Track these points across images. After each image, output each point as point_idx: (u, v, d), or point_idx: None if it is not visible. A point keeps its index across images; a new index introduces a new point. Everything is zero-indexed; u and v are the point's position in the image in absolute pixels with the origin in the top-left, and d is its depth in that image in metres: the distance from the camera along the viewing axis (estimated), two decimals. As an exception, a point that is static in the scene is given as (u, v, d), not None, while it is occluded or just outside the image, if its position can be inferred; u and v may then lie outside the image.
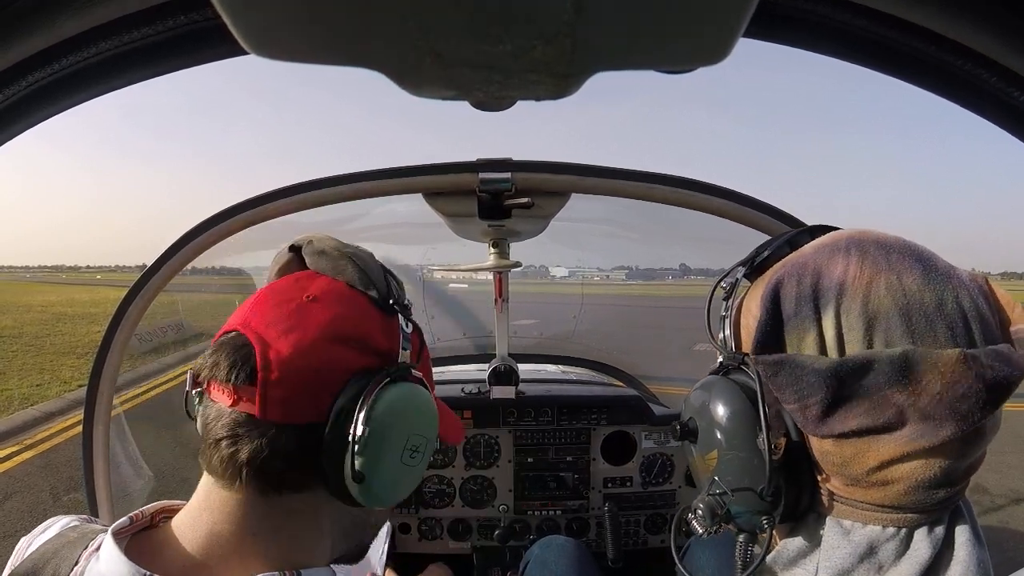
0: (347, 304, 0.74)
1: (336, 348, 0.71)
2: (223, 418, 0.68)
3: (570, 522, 2.24)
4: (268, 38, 0.31)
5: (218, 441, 0.67)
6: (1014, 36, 0.55)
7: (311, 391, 0.69)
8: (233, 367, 0.67)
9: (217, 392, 0.68)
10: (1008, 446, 6.41)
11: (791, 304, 0.71)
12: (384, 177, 1.42)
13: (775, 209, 1.50)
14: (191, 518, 0.71)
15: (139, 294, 1.64)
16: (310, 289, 0.74)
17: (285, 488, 0.70)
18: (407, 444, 0.73)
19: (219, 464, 0.67)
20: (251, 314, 0.71)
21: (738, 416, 0.73)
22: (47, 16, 0.53)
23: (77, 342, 15.71)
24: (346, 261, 0.78)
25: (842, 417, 0.64)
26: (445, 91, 0.36)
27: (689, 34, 0.31)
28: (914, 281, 0.65)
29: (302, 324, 0.70)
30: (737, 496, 0.72)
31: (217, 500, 0.70)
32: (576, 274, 4.57)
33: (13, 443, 7.02)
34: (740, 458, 0.72)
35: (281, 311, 0.71)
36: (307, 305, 0.72)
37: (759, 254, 0.83)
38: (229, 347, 0.69)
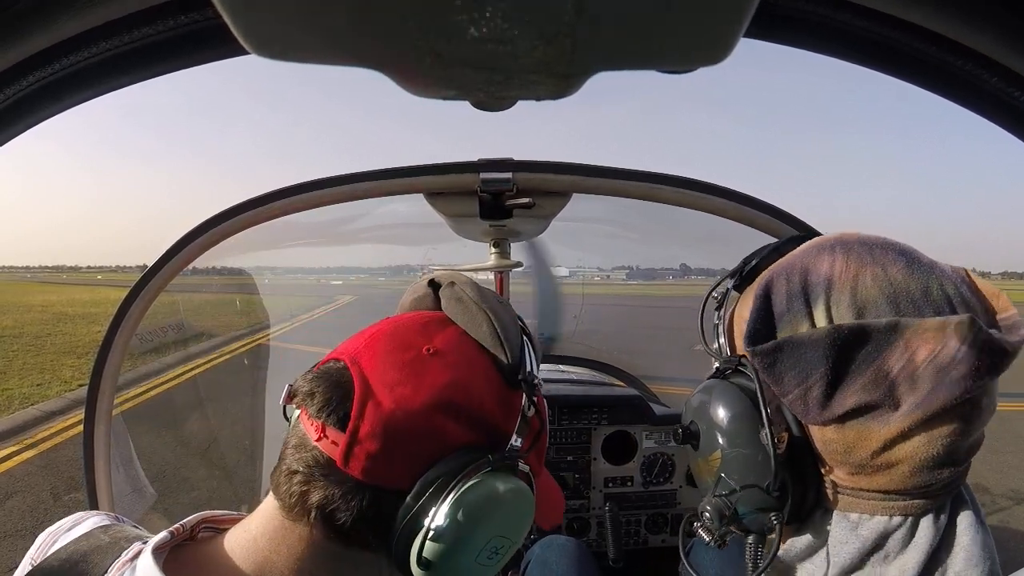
0: (469, 369, 0.68)
1: (442, 417, 0.64)
2: (304, 450, 0.64)
3: (571, 522, 2.24)
4: (268, 38, 0.31)
5: (293, 473, 0.64)
6: (1014, 36, 0.55)
7: (402, 457, 0.63)
8: (327, 405, 0.63)
9: (306, 421, 0.64)
10: (1009, 446, 6.40)
11: (782, 301, 0.72)
12: (385, 177, 1.42)
13: (775, 209, 1.49)
14: (248, 540, 0.66)
15: (140, 294, 1.64)
16: (435, 341, 0.68)
17: (351, 543, 0.65)
18: (488, 544, 0.65)
19: (288, 496, 0.64)
20: (364, 349, 0.66)
21: (739, 415, 0.73)
22: (47, 16, 0.54)
23: (78, 342, 15.72)
24: (483, 317, 0.70)
25: (842, 396, 0.65)
26: (445, 91, 0.36)
27: (690, 34, 0.31)
28: (899, 272, 0.68)
29: (414, 380, 0.64)
30: (744, 494, 0.72)
31: (280, 530, 0.65)
32: (577, 274, 4.56)
33: (14, 442, 7.03)
34: (744, 455, 0.72)
35: (396, 358, 0.65)
36: (427, 359, 0.65)
37: (747, 264, 0.85)
38: (330, 381, 0.64)
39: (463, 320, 0.71)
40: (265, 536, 0.65)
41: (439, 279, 0.76)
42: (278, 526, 0.65)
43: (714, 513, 0.74)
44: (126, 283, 1.84)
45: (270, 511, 0.67)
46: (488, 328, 0.70)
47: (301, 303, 10.85)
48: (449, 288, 0.74)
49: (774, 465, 0.68)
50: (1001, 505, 5.24)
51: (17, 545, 4.37)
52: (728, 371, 0.79)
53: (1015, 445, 6.44)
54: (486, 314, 0.71)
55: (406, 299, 0.78)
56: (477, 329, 0.70)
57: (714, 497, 0.75)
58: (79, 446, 1.76)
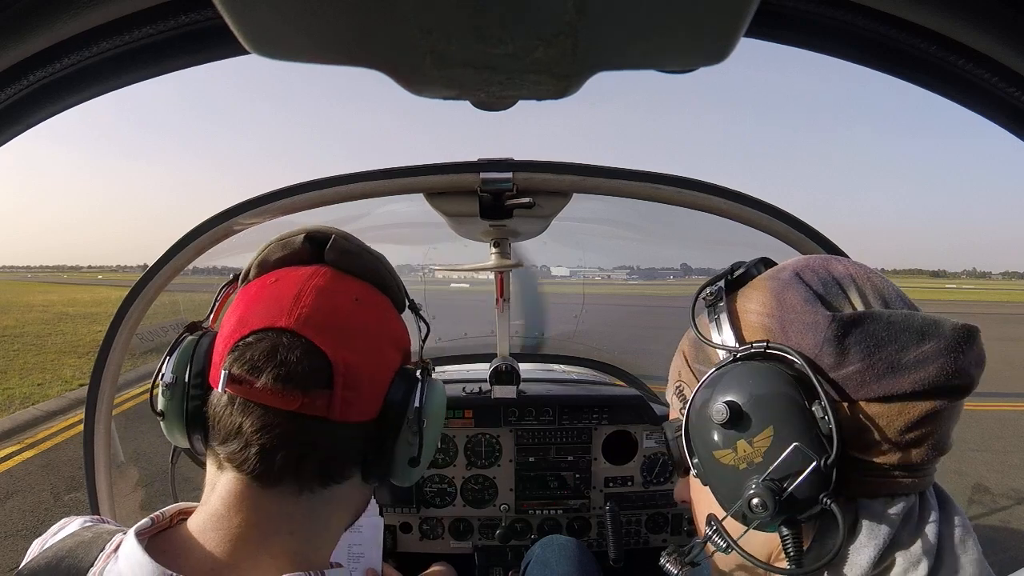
0: (384, 307, 0.80)
1: (386, 350, 0.77)
2: (281, 424, 0.67)
3: (571, 521, 2.24)
4: (269, 38, 0.31)
5: (273, 449, 0.67)
6: (1015, 36, 0.55)
7: (372, 391, 0.74)
8: (311, 372, 0.67)
9: (273, 395, 0.66)
10: (1010, 446, 6.40)
11: (819, 285, 0.77)
12: (385, 177, 1.42)
13: (775, 209, 1.49)
14: (215, 520, 0.69)
15: (140, 294, 1.64)
16: (353, 290, 0.76)
17: (333, 481, 0.73)
18: (441, 427, 0.84)
19: (271, 470, 0.67)
20: (301, 310, 0.69)
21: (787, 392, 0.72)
22: (48, 16, 0.54)
23: (78, 341, 15.73)
24: (375, 262, 0.81)
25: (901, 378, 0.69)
26: (446, 91, 0.36)
27: (690, 35, 0.31)
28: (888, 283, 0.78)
29: (361, 329, 0.73)
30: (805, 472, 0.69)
31: (253, 503, 0.69)
32: (577, 274, 4.56)
33: (14, 442, 7.03)
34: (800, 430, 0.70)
35: (338, 313, 0.72)
36: (357, 307, 0.74)
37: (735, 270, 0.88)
38: (295, 349, 0.67)
39: (358, 266, 0.79)
40: (238, 511, 0.69)
41: (315, 235, 0.79)
42: (254, 502, 0.69)
43: (767, 497, 0.70)
44: (127, 283, 1.84)
45: (236, 489, 0.69)
46: (382, 269, 0.81)
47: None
48: (339, 242, 0.79)
49: (836, 437, 0.68)
50: (1002, 505, 5.24)
51: (18, 545, 4.37)
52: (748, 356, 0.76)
53: (1016, 445, 6.44)
54: (376, 258, 0.82)
55: (273, 254, 0.79)
56: (372, 272, 0.80)
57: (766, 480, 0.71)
58: (79, 446, 1.76)
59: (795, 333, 0.74)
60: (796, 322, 0.74)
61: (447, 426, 2.18)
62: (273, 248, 0.79)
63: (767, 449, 0.71)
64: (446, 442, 2.20)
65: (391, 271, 0.83)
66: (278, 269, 0.77)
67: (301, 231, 0.80)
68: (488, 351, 2.60)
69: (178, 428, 0.74)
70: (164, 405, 0.74)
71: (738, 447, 0.74)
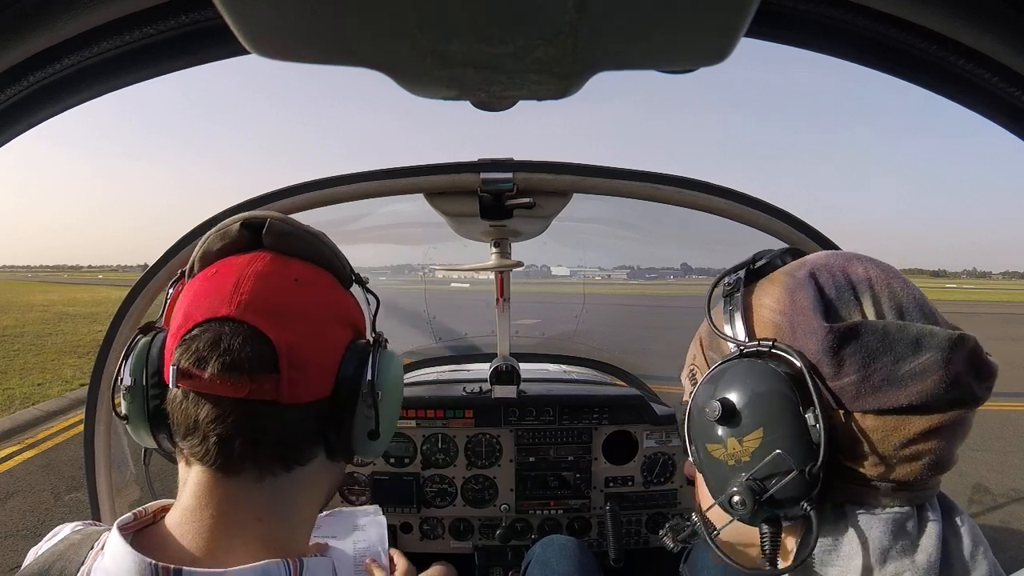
0: (326, 285, 0.79)
1: (332, 327, 0.77)
2: (234, 412, 0.67)
3: (571, 521, 2.24)
4: (269, 38, 0.31)
5: (229, 438, 0.68)
6: (1015, 35, 0.55)
7: (321, 369, 0.74)
8: (255, 357, 0.67)
9: (221, 384, 0.67)
10: (1010, 446, 6.40)
11: (832, 289, 0.76)
12: (386, 177, 1.43)
13: (776, 208, 1.50)
14: (188, 513, 0.71)
15: (140, 293, 1.64)
16: (292, 272, 0.76)
17: (296, 463, 0.74)
18: (399, 399, 0.86)
19: (231, 458, 0.68)
20: (241, 297, 0.69)
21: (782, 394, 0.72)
22: (49, 16, 0.54)
23: (79, 341, 15.72)
24: (314, 239, 0.81)
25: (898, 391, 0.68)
26: (446, 91, 0.36)
27: (691, 34, 0.31)
28: (914, 289, 0.76)
29: (302, 310, 0.73)
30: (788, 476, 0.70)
31: (221, 494, 0.70)
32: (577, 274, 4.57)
33: (14, 442, 7.03)
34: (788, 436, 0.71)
35: (278, 296, 0.72)
36: (297, 288, 0.74)
37: (756, 260, 0.87)
38: (238, 336, 0.68)
39: (297, 247, 0.78)
40: (208, 503, 0.70)
41: (251, 221, 0.79)
42: (221, 492, 0.71)
43: (746, 495, 0.72)
44: (127, 282, 1.84)
45: (204, 482, 0.71)
46: (322, 247, 0.81)
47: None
48: (275, 224, 0.78)
49: (823, 448, 0.69)
50: (1002, 505, 5.24)
51: (18, 545, 4.37)
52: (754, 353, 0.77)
53: (1016, 445, 6.44)
54: (316, 236, 0.81)
55: (214, 245, 0.78)
56: (312, 251, 0.80)
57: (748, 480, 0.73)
58: (80, 446, 1.76)
59: (802, 335, 0.74)
60: (803, 325, 0.74)
61: (447, 426, 2.18)
62: (212, 239, 0.79)
63: (755, 449, 0.73)
64: (447, 442, 2.20)
65: (332, 248, 0.82)
66: (219, 260, 0.77)
67: (237, 219, 0.79)
68: (488, 351, 2.60)
69: (143, 429, 0.75)
70: (127, 408, 0.75)
71: (728, 444, 0.76)
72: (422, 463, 2.20)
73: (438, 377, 2.75)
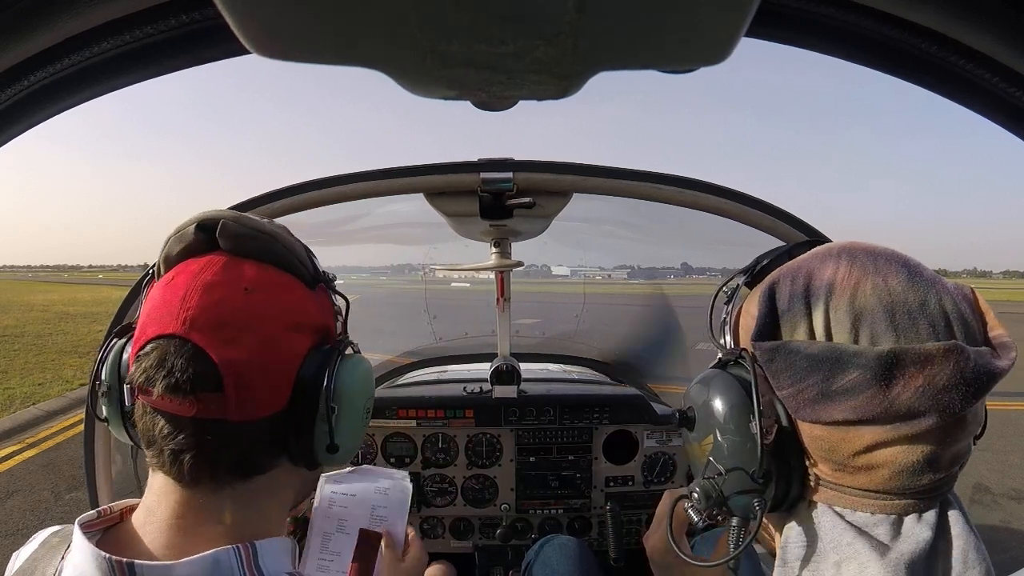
0: (283, 290, 0.74)
1: (287, 337, 0.73)
2: (184, 429, 0.67)
3: (572, 521, 2.24)
4: (270, 38, 0.31)
5: (179, 452, 0.68)
6: (1015, 36, 0.55)
7: (275, 382, 0.71)
8: (197, 379, 0.66)
9: (170, 403, 0.67)
10: (1011, 445, 6.40)
11: (784, 301, 0.76)
12: (386, 177, 1.43)
13: (776, 208, 1.50)
14: (149, 512, 0.72)
15: (140, 293, 1.64)
16: (243, 279, 0.71)
17: (254, 473, 0.73)
18: (364, 407, 0.82)
19: (183, 471, 0.68)
20: (188, 314, 0.67)
21: (733, 403, 0.77)
22: (49, 16, 0.54)
23: (79, 341, 15.72)
24: (271, 241, 0.76)
25: (831, 407, 0.68)
26: (447, 91, 0.36)
27: (691, 34, 0.31)
28: (899, 283, 0.70)
29: (251, 322, 0.69)
30: (730, 477, 0.77)
31: (177, 499, 0.71)
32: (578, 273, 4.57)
33: (15, 442, 7.03)
34: (734, 442, 0.76)
35: (224, 309, 0.69)
36: (247, 298, 0.70)
37: (759, 263, 0.89)
38: (181, 356, 0.66)
39: (252, 249, 0.74)
40: (165, 507, 0.71)
41: (206, 222, 0.75)
42: (177, 498, 0.71)
43: (702, 494, 0.80)
44: (127, 282, 1.84)
45: (162, 487, 0.71)
46: (280, 246, 0.76)
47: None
48: (228, 226, 0.74)
49: (760, 453, 0.72)
50: (1002, 504, 5.24)
51: (18, 545, 4.36)
52: (729, 363, 0.82)
53: (1016, 444, 6.44)
54: (272, 237, 0.76)
55: (173, 249, 0.75)
56: (269, 252, 0.75)
57: (703, 479, 0.80)
58: (80, 445, 1.76)
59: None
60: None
61: (447, 426, 2.18)
62: (172, 242, 0.76)
63: (710, 452, 0.80)
64: (447, 442, 2.20)
65: (290, 246, 0.78)
66: (178, 264, 0.74)
67: (193, 220, 0.76)
68: (489, 351, 2.60)
69: (122, 430, 0.76)
70: (106, 410, 0.77)
71: (694, 447, 0.85)
72: (422, 463, 2.20)
73: (439, 377, 2.75)
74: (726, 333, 0.88)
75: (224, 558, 0.68)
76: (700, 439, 0.83)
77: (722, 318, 0.90)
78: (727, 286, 0.91)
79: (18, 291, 44.27)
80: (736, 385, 0.78)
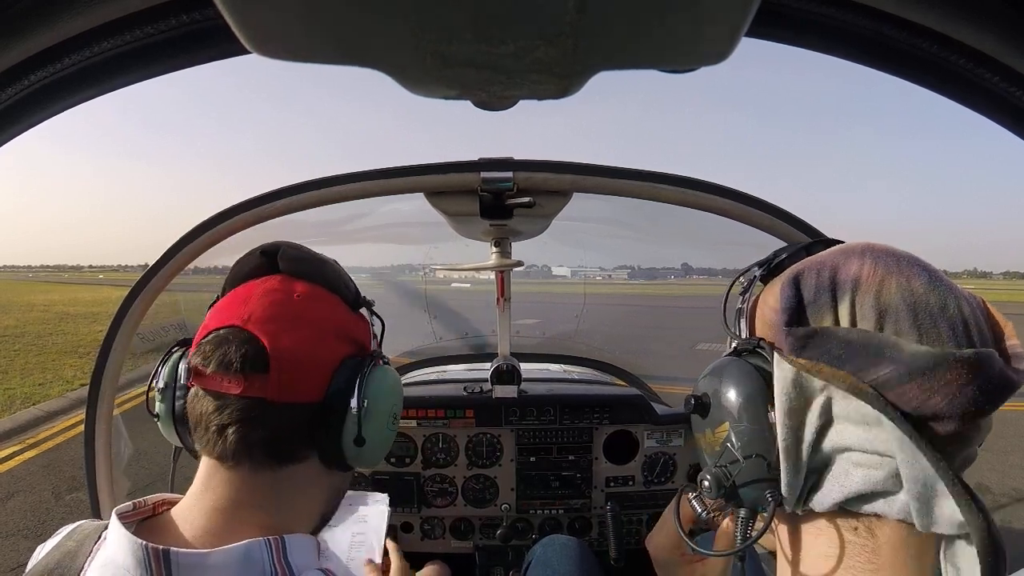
0: (329, 304, 0.86)
1: (329, 339, 0.83)
2: (227, 407, 0.76)
3: (572, 521, 2.24)
4: (270, 38, 0.31)
5: (225, 427, 0.76)
6: (1016, 35, 0.55)
7: (312, 375, 0.80)
8: (246, 358, 0.76)
9: (220, 383, 0.76)
10: (1012, 445, 6.40)
11: (811, 291, 0.75)
12: (386, 176, 1.42)
13: (777, 208, 1.49)
14: (193, 500, 0.79)
15: (141, 293, 1.64)
16: (296, 290, 0.84)
17: (288, 460, 0.80)
18: (391, 412, 0.89)
19: (227, 447, 0.76)
20: (247, 311, 0.79)
21: (751, 391, 0.76)
22: (49, 16, 0.54)
23: (79, 341, 15.73)
24: (323, 264, 0.89)
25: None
26: (447, 91, 0.36)
27: (692, 34, 0.31)
28: (921, 285, 0.70)
29: (300, 319, 0.81)
30: (747, 465, 0.75)
31: (220, 480, 0.78)
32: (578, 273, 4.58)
33: (15, 442, 7.03)
34: (752, 429, 0.75)
35: (277, 309, 0.80)
36: (298, 303, 0.82)
37: (777, 257, 0.88)
38: (236, 341, 0.77)
39: (307, 271, 0.87)
40: (209, 490, 0.78)
41: (269, 248, 0.89)
42: (219, 477, 0.78)
43: (713, 482, 0.79)
44: (128, 282, 1.84)
45: (208, 469, 0.80)
46: (329, 271, 0.89)
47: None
48: (284, 252, 0.88)
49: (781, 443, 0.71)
50: (1003, 504, 5.24)
51: (19, 545, 4.37)
52: (745, 351, 0.82)
53: (1016, 444, 6.44)
54: (323, 263, 0.90)
55: (239, 271, 0.89)
56: (320, 275, 0.88)
57: (716, 467, 0.79)
58: (81, 445, 1.76)
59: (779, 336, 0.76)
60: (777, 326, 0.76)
61: (448, 426, 2.18)
62: (237, 268, 0.89)
63: (723, 440, 0.79)
64: (447, 442, 2.20)
65: (338, 272, 0.90)
66: (241, 284, 0.86)
67: (257, 249, 0.89)
68: (489, 350, 2.60)
69: (170, 426, 0.84)
70: (159, 407, 0.85)
71: (705, 434, 0.83)
72: (423, 463, 2.20)
73: (439, 377, 2.75)
74: (741, 323, 0.87)
75: (255, 549, 0.74)
76: (714, 426, 0.82)
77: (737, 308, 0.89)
78: (744, 276, 0.91)
79: (18, 291, 44.29)
80: (755, 373, 0.77)
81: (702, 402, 0.84)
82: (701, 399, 0.84)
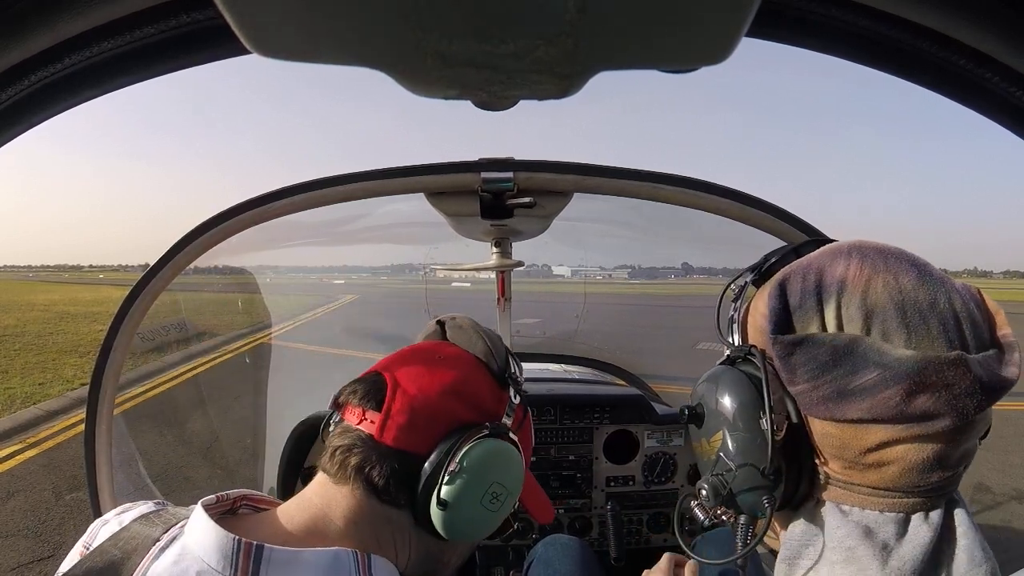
0: (469, 369, 0.91)
1: (451, 399, 0.86)
2: (348, 433, 0.83)
3: (573, 521, 2.24)
4: (270, 38, 0.31)
5: (336, 448, 0.83)
6: (1017, 35, 0.55)
7: (422, 428, 0.83)
8: (367, 394, 0.84)
9: (349, 413, 0.85)
10: (1012, 445, 6.40)
11: (796, 297, 0.76)
12: (386, 177, 1.42)
13: (777, 208, 1.49)
14: (302, 501, 0.84)
15: (141, 293, 1.64)
16: (444, 352, 0.92)
17: (384, 498, 0.82)
18: (489, 489, 0.84)
19: (333, 465, 0.82)
20: (393, 362, 0.89)
21: (743, 400, 0.77)
22: (49, 16, 0.54)
23: (80, 341, 15.73)
24: (478, 337, 0.96)
25: (848, 405, 0.68)
26: (448, 91, 0.36)
27: (691, 34, 0.31)
28: (909, 281, 0.70)
29: (429, 375, 0.86)
30: (740, 474, 0.76)
31: (330, 491, 0.83)
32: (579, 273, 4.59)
33: (16, 442, 7.04)
34: (744, 438, 0.76)
35: (417, 364, 0.88)
36: (438, 362, 0.89)
37: (767, 261, 0.89)
38: (369, 381, 0.87)
39: (463, 340, 0.96)
40: (317, 495, 0.83)
41: (442, 319, 1.00)
42: (328, 489, 0.83)
43: (711, 491, 0.80)
44: (128, 282, 1.84)
45: (320, 480, 0.85)
46: (483, 345, 0.95)
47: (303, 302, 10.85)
48: (452, 321, 1.00)
49: (771, 449, 0.72)
50: (1003, 504, 5.24)
51: (19, 545, 4.37)
52: (738, 359, 0.83)
53: (1017, 444, 6.44)
54: (481, 335, 0.96)
55: (420, 336, 1.01)
56: (474, 346, 0.95)
57: (712, 475, 0.80)
58: (81, 445, 1.76)
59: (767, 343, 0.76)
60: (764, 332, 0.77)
61: None
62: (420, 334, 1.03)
63: (719, 448, 0.80)
64: None
65: (495, 346, 0.95)
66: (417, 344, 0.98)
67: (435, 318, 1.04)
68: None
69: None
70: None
71: (701, 443, 0.86)
72: None
73: None
74: (734, 331, 0.88)
75: (344, 556, 0.76)
76: (709, 435, 0.83)
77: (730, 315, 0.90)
78: (735, 284, 0.91)
79: (19, 291, 44.30)
80: (746, 381, 0.78)
81: (696, 412, 0.86)
82: (695, 409, 0.86)
